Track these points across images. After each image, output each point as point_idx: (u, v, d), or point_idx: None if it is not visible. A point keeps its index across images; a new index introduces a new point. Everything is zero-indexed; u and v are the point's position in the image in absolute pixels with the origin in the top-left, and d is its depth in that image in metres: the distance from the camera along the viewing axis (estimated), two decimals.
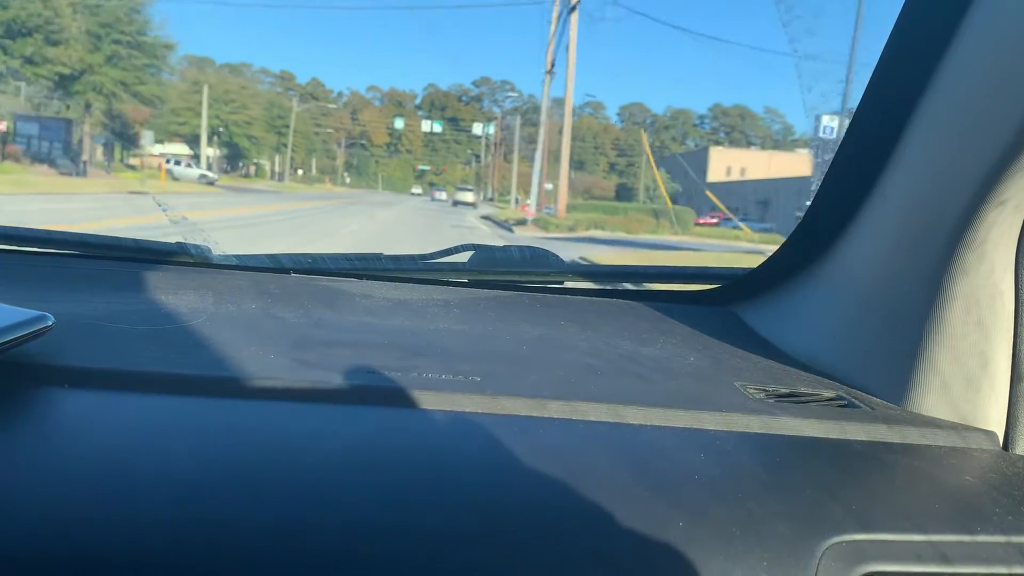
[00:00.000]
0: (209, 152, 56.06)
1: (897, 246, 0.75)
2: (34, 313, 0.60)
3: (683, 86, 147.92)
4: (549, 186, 75.28)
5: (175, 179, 36.97)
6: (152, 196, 23.01)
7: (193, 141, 48.02)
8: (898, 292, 0.74)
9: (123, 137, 42.23)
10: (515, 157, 47.77)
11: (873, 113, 0.79)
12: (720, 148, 63.49)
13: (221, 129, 50.82)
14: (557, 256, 1.19)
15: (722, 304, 1.13)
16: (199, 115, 45.92)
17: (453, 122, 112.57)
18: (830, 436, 0.66)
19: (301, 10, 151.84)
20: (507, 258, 1.18)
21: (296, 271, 1.11)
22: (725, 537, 0.50)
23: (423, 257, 1.18)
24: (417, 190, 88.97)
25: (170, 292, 0.91)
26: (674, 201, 64.32)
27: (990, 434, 0.69)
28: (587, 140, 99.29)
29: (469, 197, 44.86)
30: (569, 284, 1.21)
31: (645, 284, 1.29)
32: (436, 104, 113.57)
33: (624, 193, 77.69)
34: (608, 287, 1.23)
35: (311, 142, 71.87)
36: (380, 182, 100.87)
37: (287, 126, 61.05)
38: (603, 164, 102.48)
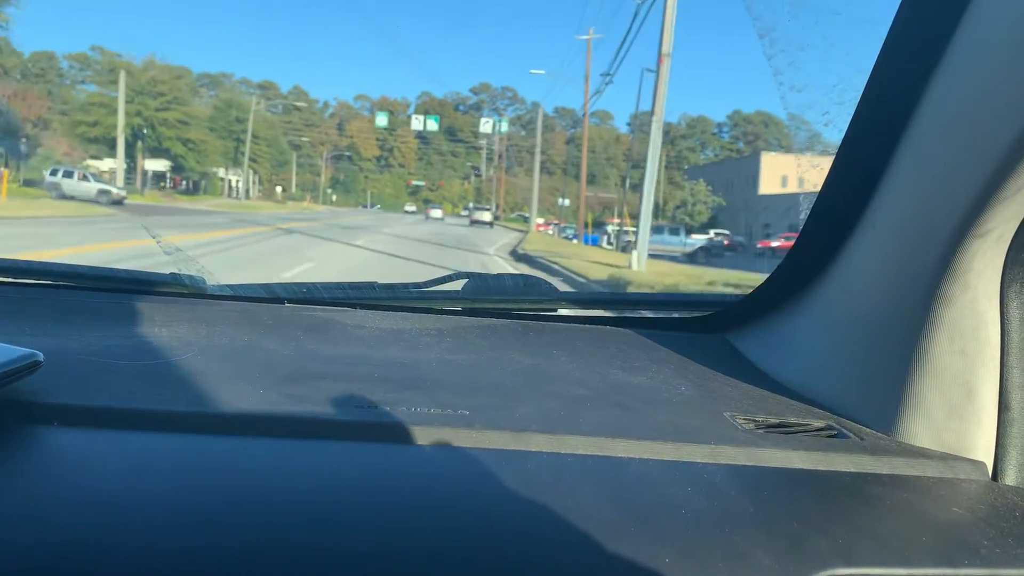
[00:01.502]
0: (150, 164, 44.70)
1: (885, 275, 0.76)
2: (23, 351, 0.60)
3: (699, 92, 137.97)
4: (565, 202, 64.63)
5: (64, 197, 26.09)
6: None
7: (110, 146, 36.23)
8: (886, 321, 0.75)
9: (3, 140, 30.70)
10: (536, 168, 36.72)
11: (859, 144, 0.80)
12: (773, 154, 52.65)
13: (146, 131, 38.89)
14: (550, 284, 1.20)
15: (714, 331, 1.14)
16: (116, 112, 34.34)
17: (450, 133, 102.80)
18: (818, 468, 0.66)
19: (284, 15, 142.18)
20: (500, 286, 1.20)
21: (290, 301, 1.12)
22: (711, 571, 0.49)
23: (417, 285, 1.19)
24: (411, 207, 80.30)
25: (163, 325, 0.92)
26: (714, 220, 54.68)
27: (979, 464, 0.69)
28: (598, 151, 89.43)
29: (487, 216, 44.78)
30: (562, 311, 1.21)
31: (638, 311, 1.28)
32: (431, 113, 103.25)
33: (653, 210, 66.66)
34: (601, 314, 1.23)
35: (281, 152, 59.34)
36: (369, 199, 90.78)
37: (247, 131, 49.42)
38: (614, 177, 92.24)
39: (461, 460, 0.60)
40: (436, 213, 54.61)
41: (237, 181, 53.79)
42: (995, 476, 0.69)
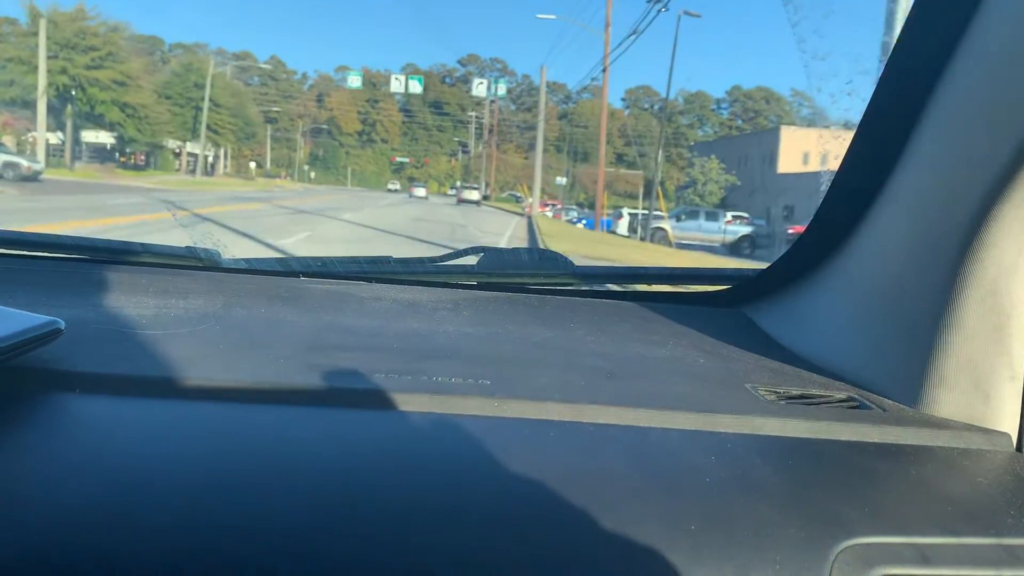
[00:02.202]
0: (102, 136, 39.01)
1: (907, 247, 0.76)
2: (45, 318, 0.60)
3: (696, 66, 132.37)
4: (561, 180, 59.22)
5: None
6: None
7: (33, 110, 30.40)
8: (908, 292, 0.75)
9: None
10: (539, 137, 31.67)
11: (883, 114, 0.80)
12: (794, 128, 47.71)
13: (75, 92, 32.78)
14: (566, 258, 1.20)
15: (732, 305, 1.14)
16: (36, 70, 28.58)
17: (436, 106, 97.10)
18: (842, 438, 0.66)
19: None
20: (516, 260, 1.20)
21: (305, 274, 1.12)
22: (737, 540, 0.50)
23: (432, 260, 1.20)
24: (394, 185, 75.17)
25: (180, 296, 0.92)
26: (726, 199, 49.88)
27: (1003, 435, 0.69)
28: (590, 127, 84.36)
29: (475, 195, 43.07)
30: (578, 286, 1.21)
31: (655, 286, 1.28)
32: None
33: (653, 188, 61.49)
34: (618, 288, 1.24)
35: (248, 123, 53.08)
36: (350, 177, 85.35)
37: (204, 97, 43.47)
38: (610, 154, 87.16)
39: (483, 428, 0.60)
40: (420, 192, 50.55)
41: (208, 156, 48.10)
42: (1019, 447, 0.68)
